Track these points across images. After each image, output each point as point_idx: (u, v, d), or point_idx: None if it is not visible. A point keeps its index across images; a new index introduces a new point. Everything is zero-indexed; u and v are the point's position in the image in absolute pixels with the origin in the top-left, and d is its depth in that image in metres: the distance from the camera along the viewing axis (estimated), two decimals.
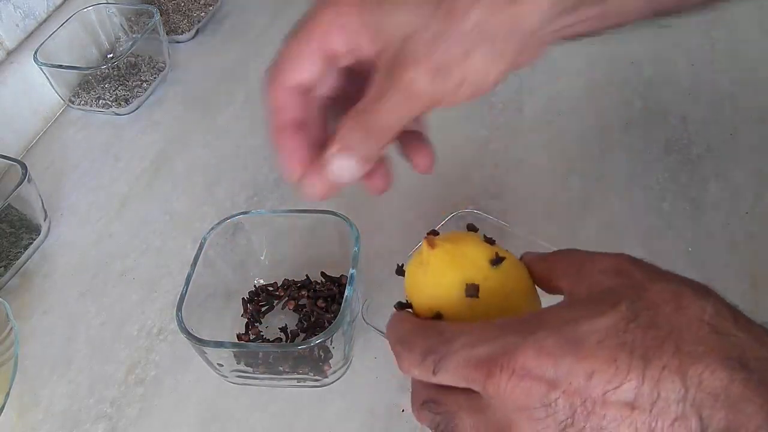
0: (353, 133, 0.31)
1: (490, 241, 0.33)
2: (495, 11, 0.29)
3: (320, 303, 0.50)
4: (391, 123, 0.31)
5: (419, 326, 0.29)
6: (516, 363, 0.24)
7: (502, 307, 0.31)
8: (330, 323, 0.48)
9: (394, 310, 0.33)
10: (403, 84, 0.30)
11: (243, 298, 0.51)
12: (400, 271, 0.34)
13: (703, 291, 0.25)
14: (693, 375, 0.22)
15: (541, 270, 0.32)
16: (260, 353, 0.45)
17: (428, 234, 0.32)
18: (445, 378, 0.27)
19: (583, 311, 0.25)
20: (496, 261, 0.31)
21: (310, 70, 0.32)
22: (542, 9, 0.29)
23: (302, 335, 0.49)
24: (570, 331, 0.24)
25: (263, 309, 0.51)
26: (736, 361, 0.22)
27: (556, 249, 0.33)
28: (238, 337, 0.49)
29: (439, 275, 0.31)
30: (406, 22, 0.30)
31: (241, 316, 0.51)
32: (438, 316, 0.31)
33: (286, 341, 0.49)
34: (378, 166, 0.35)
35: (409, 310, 0.33)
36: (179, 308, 0.44)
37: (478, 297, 0.30)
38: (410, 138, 0.36)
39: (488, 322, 0.27)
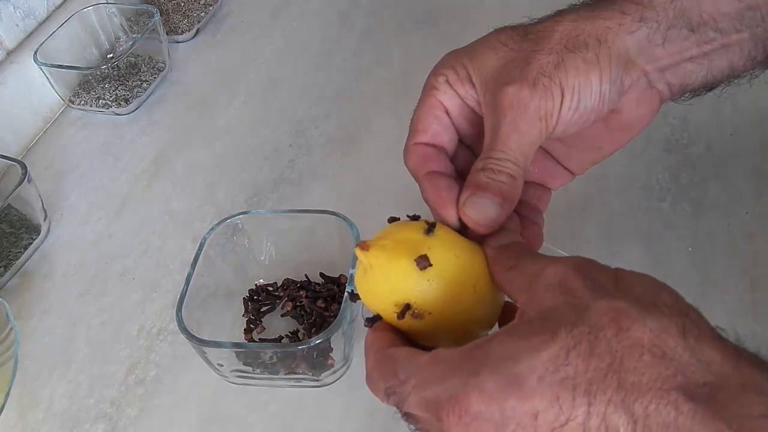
0: (482, 173, 0.33)
1: (414, 218, 0.33)
2: (578, 24, 0.33)
3: (320, 303, 0.50)
4: (512, 152, 0.32)
5: (378, 362, 0.30)
6: (461, 408, 0.24)
7: (456, 267, 0.31)
8: (329, 323, 0.48)
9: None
10: (507, 102, 0.32)
11: (244, 298, 0.51)
12: (353, 296, 0.34)
13: (648, 303, 0.24)
14: (639, 408, 0.22)
15: (501, 282, 0.31)
16: (260, 353, 0.45)
17: (357, 245, 0.32)
18: (409, 411, 0.28)
19: (523, 344, 0.24)
20: (429, 229, 0.31)
21: (435, 126, 0.36)
22: (625, 27, 0.32)
23: (302, 335, 0.49)
24: (509, 370, 0.24)
25: (263, 309, 0.51)
26: (680, 391, 0.22)
27: (553, 248, 0.32)
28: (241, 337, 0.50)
29: (387, 269, 0.31)
30: (497, 58, 0.34)
31: (242, 316, 0.51)
32: (407, 307, 0.31)
33: (286, 341, 0.49)
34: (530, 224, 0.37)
35: (380, 320, 0.33)
36: (179, 308, 0.44)
37: (431, 264, 0.30)
38: (528, 214, 0.37)
39: (436, 357, 0.27)
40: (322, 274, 0.52)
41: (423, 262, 0.30)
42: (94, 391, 0.50)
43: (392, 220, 0.35)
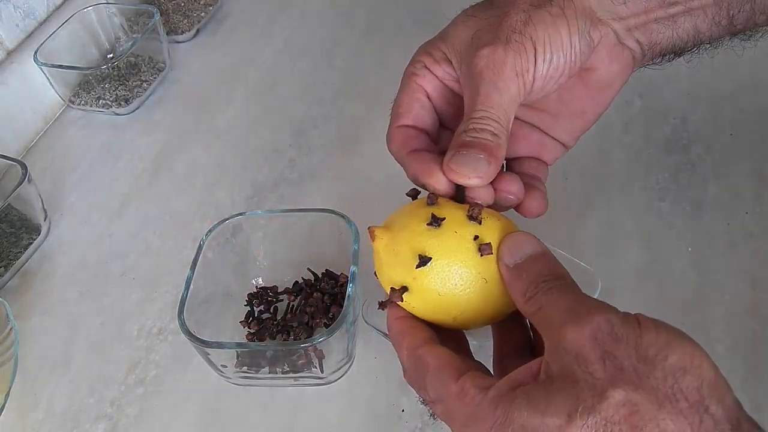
0: (465, 135, 0.33)
1: (431, 201, 0.33)
2: None
3: (326, 299, 0.50)
4: (493, 110, 0.32)
5: (412, 366, 0.31)
6: None
7: (437, 304, 0.32)
8: (328, 322, 0.48)
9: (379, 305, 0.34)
10: (483, 64, 0.33)
11: (245, 303, 0.51)
12: (412, 193, 0.36)
13: (667, 395, 0.24)
14: None
15: (523, 311, 0.31)
16: (264, 353, 0.45)
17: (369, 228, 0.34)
18: None
19: (539, 420, 0.25)
20: (422, 263, 0.31)
21: (417, 108, 0.37)
22: None
23: (304, 334, 0.49)
24: None
25: (264, 316, 0.51)
26: None
27: (553, 248, 0.33)
28: (247, 338, 0.49)
29: (386, 267, 0.33)
30: (467, 29, 0.35)
31: (242, 321, 0.51)
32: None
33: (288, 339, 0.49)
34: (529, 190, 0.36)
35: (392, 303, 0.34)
36: (180, 312, 0.44)
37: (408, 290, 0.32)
38: (528, 181, 0.37)
39: (463, 393, 0.28)
40: (325, 272, 0.51)
41: (395, 294, 0.32)
42: (94, 391, 0.50)
43: (412, 194, 0.36)
